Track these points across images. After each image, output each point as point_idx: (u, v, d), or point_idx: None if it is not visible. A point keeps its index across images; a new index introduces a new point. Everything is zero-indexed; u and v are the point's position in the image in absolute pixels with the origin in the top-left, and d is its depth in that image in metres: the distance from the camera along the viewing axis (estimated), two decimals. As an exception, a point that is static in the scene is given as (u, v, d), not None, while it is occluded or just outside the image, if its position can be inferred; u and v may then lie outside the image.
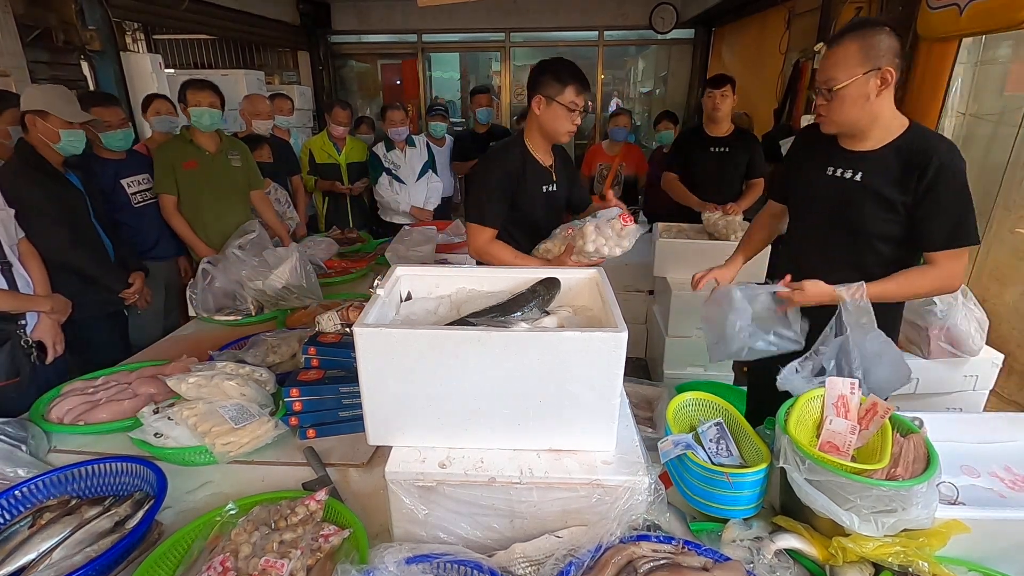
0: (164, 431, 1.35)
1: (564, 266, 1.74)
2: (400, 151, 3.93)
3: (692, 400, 1.37)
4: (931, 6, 2.82)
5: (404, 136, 3.92)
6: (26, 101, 2.15)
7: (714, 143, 3.20)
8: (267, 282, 2.33)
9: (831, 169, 1.57)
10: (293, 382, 1.45)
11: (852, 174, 1.52)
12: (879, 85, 1.41)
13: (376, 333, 1.00)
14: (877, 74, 1.39)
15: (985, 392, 2.37)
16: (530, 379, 1.01)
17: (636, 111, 7.79)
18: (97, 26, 3.57)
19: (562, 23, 6.74)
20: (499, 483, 1.02)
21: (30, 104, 2.13)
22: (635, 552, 0.97)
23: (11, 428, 1.38)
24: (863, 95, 1.42)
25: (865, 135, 1.50)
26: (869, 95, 1.42)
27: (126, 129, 2.61)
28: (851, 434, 1.10)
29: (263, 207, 3.04)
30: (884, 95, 1.43)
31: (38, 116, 2.12)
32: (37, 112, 2.12)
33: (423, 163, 4.03)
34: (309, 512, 1.09)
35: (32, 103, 2.13)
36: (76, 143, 2.21)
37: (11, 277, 1.90)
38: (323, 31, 6.85)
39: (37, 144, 2.16)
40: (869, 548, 0.97)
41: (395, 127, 3.86)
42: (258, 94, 3.85)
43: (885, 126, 1.48)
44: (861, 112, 1.45)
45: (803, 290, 1.50)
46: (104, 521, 1.10)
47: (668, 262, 2.93)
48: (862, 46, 1.39)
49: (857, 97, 1.42)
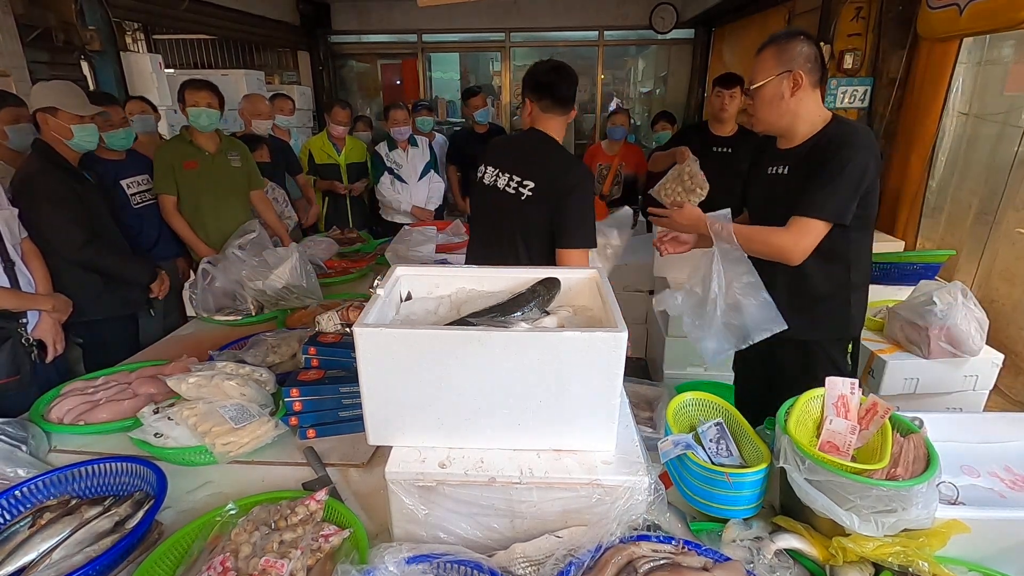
0: (164, 431, 1.35)
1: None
2: (403, 150, 3.93)
3: (692, 400, 1.37)
4: (931, 6, 2.82)
5: (407, 136, 3.92)
6: (35, 99, 2.17)
7: (718, 143, 3.18)
8: (267, 282, 2.33)
9: (770, 168, 1.72)
10: (293, 382, 1.45)
11: (782, 170, 1.67)
12: (792, 86, 1.56)
13: (376, 333, 1.00)
14: (789, 76, 1.55)
15: (985, 392, 2.37)
16: (530, 379, 1.01)
17: (636, 111, 7.80)
18: (97, 26, 3.58)
19: (562, 23, 6.74)
20: (499, 483, 1.02)
21: (39, 102, 2.14)
22: (635, 552, 0.97)
23: (11, 428, 1.38)
24: (777, 95, 1.58)
25: (793, 134, 1.64)
26: (784, 95, 1.58)
27: (127, 128, 2.62)
28: (851, 434, 1.10)
29: (263, 207, 3.04)
30: (800, 95, 1.58)
31: (48, 114, 2.13)
32: (47, 110, 2.13)
33: (425, 163, 4.02)
34: (309, 512, 1.09)
35: (41, 101, 2.14)
36: (89, 138, 2.23)
37: (13, 275, 1.91)
38: (323, 31, 6.85)
39: (52, 142, 2.18)
40: (869, 548, 0.97)
41: (398, 126, 3.86)
42: (257, 94, 3.85)
43: (810, 125, 1.61)
44: (778, 110, 1.61)
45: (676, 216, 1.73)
46: (104, 521, 1.10)
47: (668, 262, 2.92)
48: (777, 51, 1.57)
49: (772, 97, 1.59)
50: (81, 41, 3.52)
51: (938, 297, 2.21)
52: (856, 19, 3.46)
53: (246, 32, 5.53)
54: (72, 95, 2.19)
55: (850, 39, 3.49)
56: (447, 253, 3.14)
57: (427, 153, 4.05)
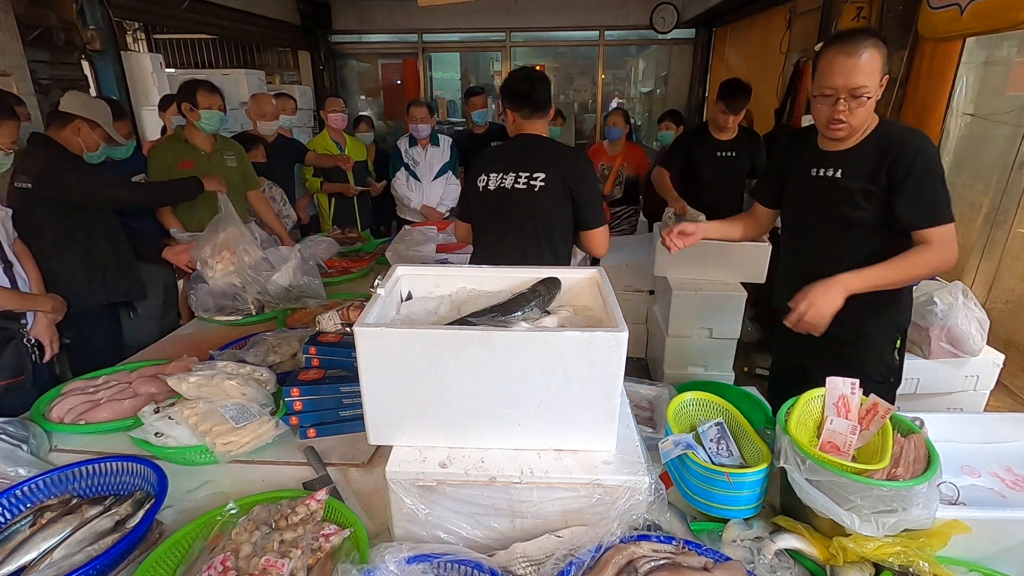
0: (165, 430, 1.35)
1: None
2: (422, 148, 3.87)
3: (692, 400, 1.37)
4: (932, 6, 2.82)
5: (426, 133, 3.81)
6: (79, 107, 2.24)
7: (721, 147, 3.20)
8: (269, 282, 2.33)
9: (816, 170, 1.64)
10: (294, 382, 1.45)
11: (834, 172, 1.60)
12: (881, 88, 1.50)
13: (377, 333, 1.00)
14: (885, 79, 1.49)
15: (986, 392, 2.37)
16: (531, 379, 1.01)
17: (636, 111, 7.80)
18: (98, 26, 3.58)
19: (563, 23, 6.74)
20: (499, 483, 1.02)
21: (85, 111, 2.23)
22: (635, 552, 0.97)
23: (12, 427, 1.38)
24: (875, 99, 1.50)
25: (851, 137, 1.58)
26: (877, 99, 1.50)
27: (132, 141, 2.67)
28: (852, 434, 1.10)
29: (261, 207, 3.04)
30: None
31: (87, 124, 2.24)
32: (88, 120, 2.23)
33: (444, 163, 3.93)
34: (309, 512, 1.09)
35: (88, 112, 2.24)
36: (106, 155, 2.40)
37: (12, 276, 1.91)
38: (324, 31, 6.85)
39: (70, 145, 2.23)
40: (869, 548, 0.97)
41: (416, 123, 3.78)
42: (264, 94, 3.83)
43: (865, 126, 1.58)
44: (869, 115, 1.53)
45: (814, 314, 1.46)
46: (105, 520, 1.10)
47: (668, 262, 2.92)
48: (882, 53, 1.45)
49: (874, 102, 1.50)
50: (82, 41, 3.53)
51: (939, 297, 2.21)
52: (856, 19, 3.46)
53: (247, 32, 5.53)
54: (109, 117, 2.34)
55: (851, 39, 3.49)
56: (448, 253, 3.14)
57: (447, 154, 3.95)
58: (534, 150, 2.00)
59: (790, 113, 4.23)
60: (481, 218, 2.15)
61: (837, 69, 1.46)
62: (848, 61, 1.44)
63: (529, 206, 1.97)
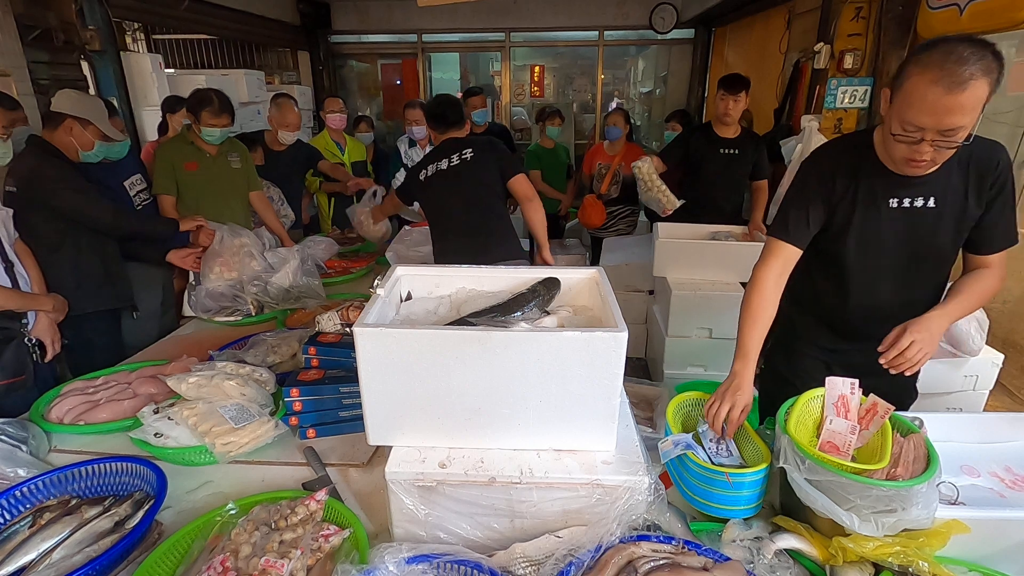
0: (164, 431, 1.35)
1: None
2: (421, 149, 3.86)
3: (692, 400, 1.37)
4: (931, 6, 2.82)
5: (423, 134, 3.78)
6: (69, 105, 2.19)
7: (724, 145, 3.20)
8: (270, 283, 2.33)
9: (894, 200, 1.34)
10: (293, 382, 1.45)
11: (924, 202, 1.33)
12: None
13: (376, 333, 1.00)
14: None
15: (985, 392, 2.37)
16: (530, 379, 1.01)
17: (636, 111, 7.79)
18: (97, 26, 3.57)
19: (562, 23, 6.74)
20: (499, 483, 1.02)
21: (75, 110, 2.18)
22: (635, 552, 0.97)
23: (11, 428, 1.38)
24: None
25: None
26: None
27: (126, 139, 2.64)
28: (851, 434, 1.10)
29: (263, 208, 3.04)
30: None
31: (79, 122, 2.19)
32: (79, 119, 2.19)
33: None
34: (309, 512, 1.09)
35: (74, 108, 2.18)
36: (102, 154, 2.34)
37: (13, 276, 1.91)
38: (323, 31, 6.84)
39: (63, 146, 2.20)
40: (869, 548, 0.97)
41: (412, 125, 3.79)
42: (289, 103, 3.50)
43: None
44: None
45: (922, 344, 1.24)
46: (104, 521, 1.10)
47: (668, 262, 2.93)
48: (990, 80, 1.09)
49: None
50: (81, 41, 3.52)
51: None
52: (856, 19, 3.46)
53: (246, 32, 5.53)
54: (103, 113, 2.29)
55: (850, 39, 3.50)
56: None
57: None
58: (456, 143, 2.50)
59: (789, 113, 4.23)
60: (432, 199, 2.55)
61: (930, 106, 1.09)
62: (946, 98, 1.07)
63: (466, 173, 2.44)
